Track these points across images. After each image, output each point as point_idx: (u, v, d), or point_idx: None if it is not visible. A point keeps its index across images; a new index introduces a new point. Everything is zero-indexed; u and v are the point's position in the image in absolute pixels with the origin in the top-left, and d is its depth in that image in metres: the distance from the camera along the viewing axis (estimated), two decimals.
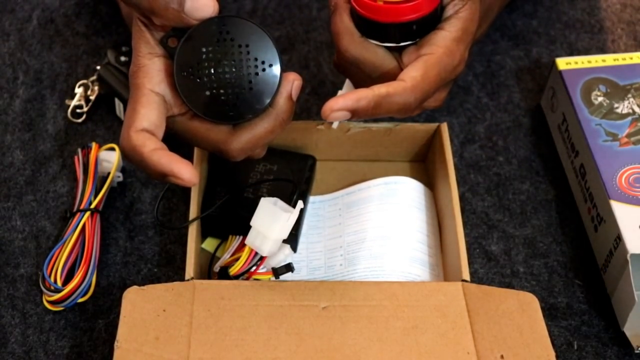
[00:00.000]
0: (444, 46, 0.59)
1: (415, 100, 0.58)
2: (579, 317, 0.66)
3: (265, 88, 0.55)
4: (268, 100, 0.56)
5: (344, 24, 0.60)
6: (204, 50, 0.55)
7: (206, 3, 0.55)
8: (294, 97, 0.57)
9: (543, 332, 0.58)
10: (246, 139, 0.57)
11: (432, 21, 0.60)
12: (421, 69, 0.58)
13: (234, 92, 0.55)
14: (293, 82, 0.57)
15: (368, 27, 0.60)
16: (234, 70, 0.55)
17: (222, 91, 0.55)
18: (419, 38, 0.60)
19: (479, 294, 0.60)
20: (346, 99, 0.56)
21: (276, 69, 0.56)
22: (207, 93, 0.55)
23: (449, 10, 0.61)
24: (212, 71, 0.55)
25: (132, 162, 0.55)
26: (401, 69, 0.60)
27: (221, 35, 0.55)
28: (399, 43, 0.60)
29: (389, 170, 0.72)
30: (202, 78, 0.55)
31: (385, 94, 0.57)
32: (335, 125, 0.67)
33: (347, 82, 0.66)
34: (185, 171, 0.53)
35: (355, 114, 0.57)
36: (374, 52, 0.60)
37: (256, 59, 0.55)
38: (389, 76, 0.60)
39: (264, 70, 0.55)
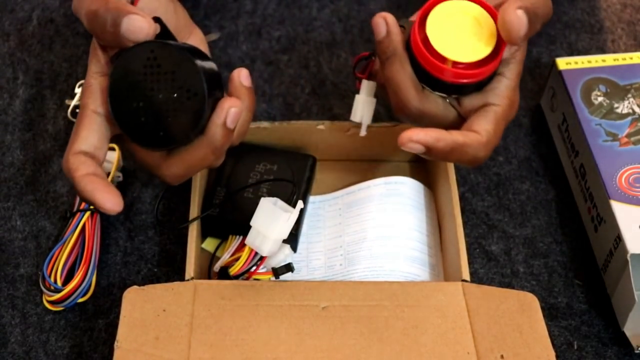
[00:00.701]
0: (508, 97, 0.59)
1: (485, 155, 0.59)
2: (579, 317, 0.66)
3: (191, 117, 0.54)
4: (194, 130, 0.54)
5: (407, 75, 0.58)
6: (133, 75, 0.54)
7: (141, 26, 0.54)
8: (230, 125, 0.55)
9: (543, 332, 0.58)
10: (177, 167, 0.56)
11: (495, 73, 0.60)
12: (493, 123, 0.59)
13: (160, 120, 0.54)
14: (228, 110, 0.54)
15: (432, 83, 0.59)
16: (160, 97, 0.54)
17: (149, 118, 0.54)
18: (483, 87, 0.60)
19: (479, 294, 0.60)
20: (427, 134, 0.56)
21: (200, 98, 0.53)
22: (136, 118, 0.54)
23: (506, 52, 0.60)
24: (140, 97, 0.54)
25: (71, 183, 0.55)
26: (459, 114, 0.60)
27: (148, 61, 0.54)
28: (464, 95, 0.60)
29: (389, 170, 0.72)
30: (131, 103, 0.54)
31: (462, 143, 0.57)
32: (363, 132, 0.67)
33: (364, 84, 0.65)
34: (107, 201, 0.53)
35: (429, 152, 0.57)
36: (435, 103, 0.59)
37: (181, 88, 0.53)
38: (450, 126, 0.59)
39: (188, 99, 0.54)
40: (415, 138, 0.57)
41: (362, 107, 0.66)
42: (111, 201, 0.54)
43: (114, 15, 0.54)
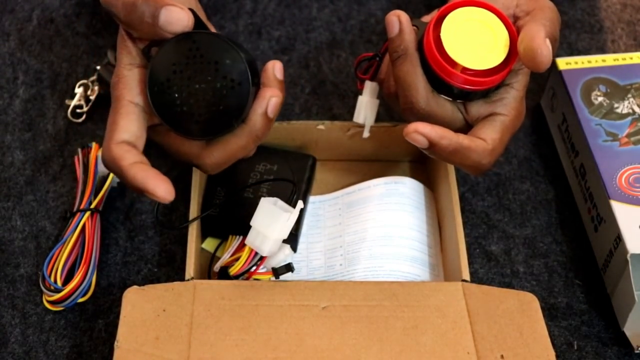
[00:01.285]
0: (515, 108, 0.60)
1: (489, 163, 0.59)
2: (579, 317, 0.66)
3: (235, 106, 0.55)
4: (238, 119, 0.55)
5: (418, 75, 0.58)
6: (174, 65, 0.55)
7: (180, 17, 0.54)
8: (270, 114, 0.56)
9: (543, 332, 0.58)
10: (219, 155, 0.56)
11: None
12: (499, 132, 0.59)
13: (203, 109, 0.55)
14: (269, 99, 0.56)
15: (439, 85, 0.59)
16: (203, 87, 0.54)
17: (192, 107, 0.55)
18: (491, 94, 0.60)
19: (479, 294, 0.60)
20: (433, 129, 0.57)
21: (245, 87, 0.55)
22: (178, 108, 0.55)
23: (515, 64, 0.60)
24: (182, 87, 0.55)
25: (114, 173, 0.55)
26: (466, 121, 0.60)
27: (191, 51, 0.55)
28: (472, 101, 0.60)
29: (389, 170, 0.72)
30: (172, 93, 0.55)
31: (467, 146, 0.57)
32: (366, 134, 0.68)
33: (367, 85, 0.65)
34: (160, 188, 0.53)
35: (432, 147, 0.57)
36: (443, 106, 0.59)
37: (225, 77, 0.54)
38: (456, 132, 0.59)
39: (232, 88, 0.54)
40: (421, 130, 0.57)
41: (366, 108, 0.66)
42: (164, 189, 0.53)
43: (152, 7, 0.54)
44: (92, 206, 0.67)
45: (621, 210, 0.64)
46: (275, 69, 0.58)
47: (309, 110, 0.79)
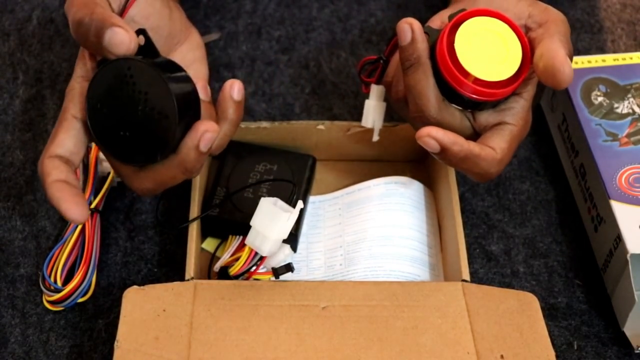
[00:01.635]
0: (524, 118, 0.60)
1: (497, 172, 0.59)
2: (579, 317, 0.66)
3: (159, 139, 0.54)
4: (163, 152, 0.54)
5: (429, 84, 0.58)
6: (109, 89, 0.54)
7: (122, 40, 0.53)
8: (203, 148, 0.54)
9: (543, 332, 0.58)
10: (149, 182, 0.56)
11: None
12: (508, 142, 0.59)
13: (130, 137, 0.54)
14: (203, 134, 0.54)
15: (450, 94, 0.59)
16: (131, 115, 0.54)
17: (120, 133, 0.54)
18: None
19: (479, 294, 0.60)
20: (446, 135, 0.57)
21: (171, 121, 0.53)
22: (110, 131, 0.54)
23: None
24: (114, 111, 0.54)
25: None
26: (474, 129, 0.60)
27: (125, 77, 0.54)
28: (478, 111, 0.60)
29: (389, 170, 0.72)
30: (105, 115, 0.54)
31: (477, 154, 0.57)
32: (375, 137, 0.68)
33: (374, 88, 0.65)
34: (71, 211, 0.53)
35: (443, 153, 0.57)
36: (452, 115, 0.59)
37: (152, 108, 0.53)
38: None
39: (159, 120, 0.53)
40: (434, 134, 0.57)
41: (374, 112, 0.66)
42: (74, 212, 0.53)
43: (98, 26, 0.53)
44: (92, 206, 0.67)
45: (621, 210, 0.64)
46: (233, 89, 0.57)
47: (309, 110, 0.79)
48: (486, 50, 0.58)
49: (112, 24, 0.53)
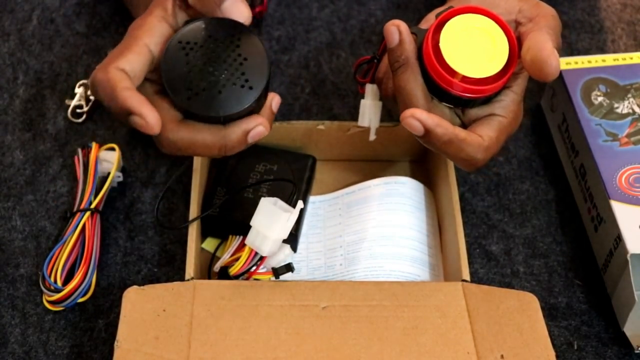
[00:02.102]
0: (513, 111, 0.60)
1: (482, 159, 0.59)
2: (579, 317, 0.66)
3: (232, 105, 0.55)
4: (223, 115, 0.55)
5: (418, 84, 0.58)
6: (209, 38, 0.56)
7: (243, 11, 0.56)
8: (250, 139, 0.56)
9: (543, 332, 0.58)
10: (182, 135, 0.56)
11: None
12: (497, 131, 0.59)
13: (205, 88, 0.55)
14: (257, 126, 0.56)
15: (440, 93, 0.59)
16: (217, 71, 0.55)
17: (197, 80, 0.55)
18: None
19: (479, 293, 0.60)
20: (430, 117, 0.57)
21: (252, 95, 0.55)
22: (183, 72, 0.55)
23: (517, 66, 0.60)
24: (200, 58, 0.55)
25: (100, 94, 0.54)
26: (463, 123, 0.60)
27: (233, 38, 0.56)
28: (471, 108, 0.60)
29: (389, 170, 0.72)
30: (190, 55, 0.55)
31: (463, 138, 0.57)
32: (372, 137, 0.67)
33: (369, 88, 0.65)
34: (153, 115, 0.53)
35: (427, 136, 0.57)
36: (442, 113, 0.59)
37: (242, 74, 0.55)
38: None
39: (242, 87, 0.55)
40: (418, 116, 0.57)
41: (370, 111, 0.66)
42: (155, 117, 0.53)
43: None
44: (92, 206, 0.67)
45: (621, 210, 0.64)
46: (273, 101, 0.58)
47: (309, 110, 0.79)
48: (472, 48, 0.58)
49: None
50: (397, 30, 0.58)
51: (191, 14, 0.57)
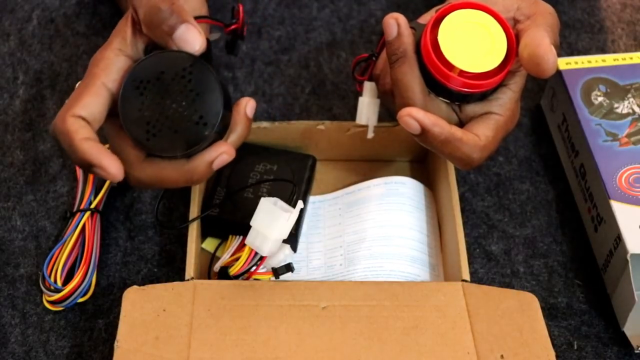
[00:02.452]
0: (510, 109, 0.60)
1: (479, 159, 0.59)
2: (579, 317, 0.66)
3: (187, 141, 0.55)
4: (183, 153, 0.55)
5: (415, 77, 0.58)
6: (163, 74, 0.55)
7: (194, 39, 0.55)
8: (215, 166, 0.56)
9: (543, 331, 0.58)
10: (148, 173, 0.56)
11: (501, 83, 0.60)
12: (493, 130, 0.59)
13: (160, 125, 0.54)
14: (220, 155, 0.55)
15: (437, 88, 0.59)
16: (173, 106, 0.54)
17: (151, 117, 0.55)
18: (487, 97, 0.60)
19: (479, 293, 0.60)
20: (426, 115, 0.56)
21: (208, 130, 0.54)
22: (139, 110, 0.55)
23: (514, 64, 0.60)
24: (156, 95, 0.55)
25: (60, 145, 0.54)
26: (461, 121, 0.60)
27: (184, 71, 0.55)
28: (468, 103, 0.60)
29: (389, 170, 0.72)
30: (144, 95, 0.55)
31: (459, 138, 0.57)
32: (370, 135, 0.67)
33: (367, 85, 0.65)
34: (113, 165, 0.53)
35: (424, 135, 0.57)
36: (439, 108, 0.59)
37: (196, 111, 0.54)
38: None
39: (196, 124, 0.54)
40: (415, 115, 0.57)
41: (367, 109, 0.66)
42: (116, 166, 0.53)
43: (174, 19, 0.54)
44: (92, 206, 0.67)
45: (621, 210, 0.64)
46: (247, 106, 0.58)
47: (309, 110, 0.79)
48: (470, 43, 0.58)
49: (188, 21, 0.54)
50: (395, 23, 0.58)
51: (149, 41, 0.57)
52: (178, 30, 0.54)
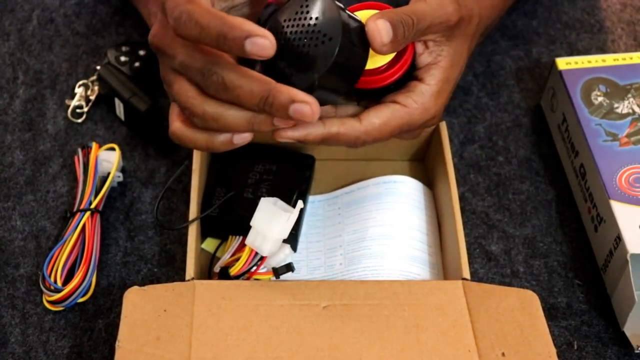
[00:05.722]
0: (420, 102, 0.59)
1: (362, 142, 0.58)
2: (579, 317, 0.66)
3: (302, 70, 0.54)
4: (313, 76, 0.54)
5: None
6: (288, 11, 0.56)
7: (265, 46, 0.51)
8: (235, 140, 0.57)
9: (544, 329, 0.58)
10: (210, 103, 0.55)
11: (407, 77, 0.59)
12: (384, 118, 0.58)
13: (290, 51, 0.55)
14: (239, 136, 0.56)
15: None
16: (294, 37, 0.55)
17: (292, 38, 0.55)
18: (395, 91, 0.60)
19: (480, 291, 0.60)
20: (297, 130, 0.55)
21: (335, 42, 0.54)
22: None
23: (427, 58, 0.60)
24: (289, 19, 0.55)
25: (187, 31, 0.52)
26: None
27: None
28: (378, 98, 0.60)
29: (388, 169, 0.72)
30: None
31: (336, 133, 0.57)
32: None
33: None
34: (263, 37, 0.51)
35: (305, 142, 0.57)
36: (346, 109, 0.59)
37: (317, 37, 0.54)
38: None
39: (319, 44, 0.54)
40: (285, 135, 0.56)
41: None
42: (265, 38, 0.51)
43: (236, 36, 0.51)
44: (92, 206, 0.67)
45: (621, 210, 0.64)
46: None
47: None
48: None
49: (248, 33, 0.51)
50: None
51: None
52: (246, 47, 0.51)
